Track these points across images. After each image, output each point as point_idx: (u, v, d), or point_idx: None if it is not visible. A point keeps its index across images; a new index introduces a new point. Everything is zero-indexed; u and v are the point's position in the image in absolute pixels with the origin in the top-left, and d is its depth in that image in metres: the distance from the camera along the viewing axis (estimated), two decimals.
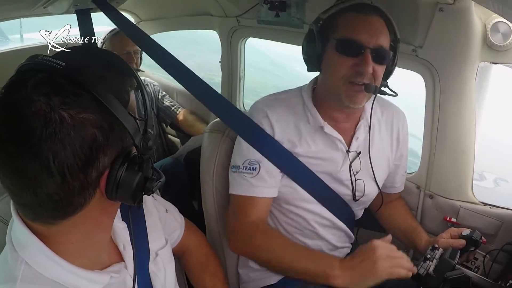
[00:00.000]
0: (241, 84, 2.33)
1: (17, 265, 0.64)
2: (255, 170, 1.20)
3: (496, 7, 0.86)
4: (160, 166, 1.98)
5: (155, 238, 0.91)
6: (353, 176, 1.27)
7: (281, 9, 1.65)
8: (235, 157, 1.25)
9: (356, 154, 1.27)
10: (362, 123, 1.27)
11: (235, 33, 2.16)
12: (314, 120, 1.22)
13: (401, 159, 1.40)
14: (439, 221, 1.50)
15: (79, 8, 1.54)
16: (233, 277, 1.39)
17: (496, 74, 1.47)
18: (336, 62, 1.13)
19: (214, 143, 1.33)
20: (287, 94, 1.30)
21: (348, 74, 1.11)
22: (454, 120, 1.39)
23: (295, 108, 1.25)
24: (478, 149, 1.42)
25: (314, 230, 1.29)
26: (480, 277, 1.07)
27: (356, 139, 1.26)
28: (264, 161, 1.20)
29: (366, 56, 1.09)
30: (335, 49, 1.12)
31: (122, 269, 0.77)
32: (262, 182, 1.20)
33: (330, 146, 1.24)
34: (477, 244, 1.19)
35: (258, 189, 1.20)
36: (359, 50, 1.10)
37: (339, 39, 1.12)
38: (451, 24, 1.25)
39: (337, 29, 1.13)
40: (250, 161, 1.20)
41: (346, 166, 1.25)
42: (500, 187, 1.17)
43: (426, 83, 1.42)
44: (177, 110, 2.47)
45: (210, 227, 1.37)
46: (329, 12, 1.15)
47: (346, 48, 1.11)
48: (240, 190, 1.22)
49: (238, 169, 1.22)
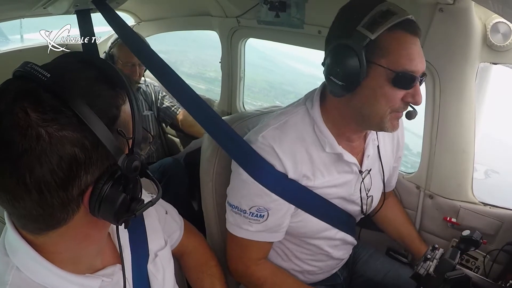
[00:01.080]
0: (241, 84, 2.33)
1: (8, 270, 0.64)
2: (263, 217, 1.10)
3: (496, 7, 0.86)
4: (160, 166, 1.98)
5: (154, 239, 0.90)
6: (365, 194, 1.23)
7: (281, 9, 1.65)
8: (238, 197, 1.12)
9: (367, 172, 1.22)
10: (370, 139, 1.20)
11: (235, 34, 2.16)
12: (331, 147, 1.11)
13: (398, 161, 1.40)
14: (439, 221, 1.50)
15: (79, 8, 1.54)
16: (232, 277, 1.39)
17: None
18: (387, 93, 0.98)
19: (214, 144, 1.32)
20: (292, 116, 1.13)
21: (398, 106, 1.01)
22: (454, 120, 1.39)
23: (303, 133, 1.11)
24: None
25: (327, 254, 1.29)
26: (480, 277, 1.07)
27: (367, 157, 1.20)
28: (273, 209, 1.10)
29: (417, 87, 1.00)
30: (388, 81, 0.97)
31: (117, 272, 0.76)
32: (268, 228, 1.13)
33: (345, 171, 1.17)
34: (477, 244, 1.18)
35: (262, 234, 1.14)
36: (413, 82, 0.98)
37: (396, 71, 0.95)
38: (451, 24, 1.25)
39: (389, 54, 0.95)
40: (259, 208, 1.09)
41: (358, 186, 1.21)
42: (491, 179, 1.19)
43: (426, 83, 1.41)
44: (177, 110, 2.47)
45: (210, 227, 1.37)
46: (379, 30, 0.94)
47: (403, 82, 0.97)
48: (243, 234, 1.14)
49: (243, 212, 1.11)
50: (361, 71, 0.96)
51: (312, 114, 1.12)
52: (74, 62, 0.65)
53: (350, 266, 1.50)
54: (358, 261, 1.50)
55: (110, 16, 1.46)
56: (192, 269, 1.15)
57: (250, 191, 1.09)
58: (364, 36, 0.94)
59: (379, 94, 0.99)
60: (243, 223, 1.13)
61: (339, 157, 1.13)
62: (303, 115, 1.13)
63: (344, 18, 1.02)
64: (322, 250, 1.26)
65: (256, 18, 1.84)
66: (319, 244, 1.25)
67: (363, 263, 1.48)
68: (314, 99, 1.13)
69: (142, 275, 0.84)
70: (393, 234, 1.50)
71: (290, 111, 1.16)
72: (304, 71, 8.08)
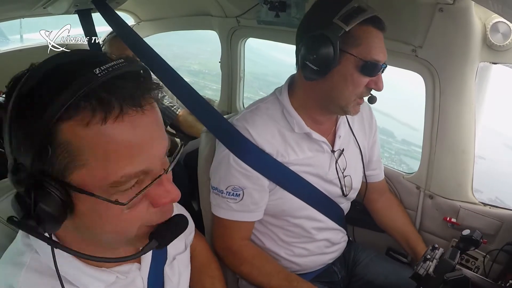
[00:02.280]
0: (241, 84, 2.33)
1: (27, 252, 0.65)
2: (239, 196, 1.20)
3: (496, 7, 0.86)
4: None
5: (174, 243, 0.91)
6: (341, 174, 1.30)
7: (281, 9, 1.64)
8: (217, 179, 1.23)
9: (340, 152, 1.29)
10: (341, 121, 1.30)
11: (235, 34, 2.16)
12: (299, 127, 1.21)
13: (374, 146, 1.45)
14: (439, 221, 1.50)
15: (79, 8, 1.54)
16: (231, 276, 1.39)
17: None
18: (355, 79, 1.11)
19: (211, 143, 1.32)
20: (264, 102, 1.27)
21: (362, 91, 1.14)
22: (454, 120, 1.39)
23: (275, 116, 1.23)
24: None
25: (311, 236, 1.31)
26: (480, 277, 1.07)
27: (339, 137, 1.29)
28: (248, 188, 1.19)
29: (380, 75, 1.14)
30: (357, 69, 1.10)
31: (134, 270, 0.76)
32: (245, 207, 1.21)
33: (316, 150, 1.25)
34: (477, 243, 1.18)
35: (240, 214, 1.22)
36: (377, 71, 1.12)
37: (365, 60, 1.08)
38: (451, 24, 1.25)
39: (360, 45, 1.08)
40: (234, 187, 1.19)
41: (333, 165, 1.28)
42: (477, 164, 1.23)
43: (426, 83, 1.42)
44: (177, 111, 2.47)
45: (209, 227, 1.37)
46: (353, 22, 1.06)
47: (369, 69, 1.10)
48: (223, 214, 1.23)
49: (221, 193, 1.21)
50: (335, 58, 1.07)
51: (281, 99, 1.24)
52: (44, 69, 0.60)
53: (349, 267, 1.50)
54: (359, 264, 1.50)
55: (109, 15, 1.47)
56: (193, 270, 1.15)
57: (227, 171, 1.19)
58: (340, 28, 1.06)
59: (349, 80, 1.11)
60: (221, 203, 1.22)
61: (308, 136, 1.23)
62: (272, 101, 1.26)
63: (319, 10, 1.15)
64: (306, 231, 1.30)
65: (256, 18, 1.84)
66: (301, 224, 1.29)
67: (364, 266, 1.48)
68: (282, 88, 1.27)
69: (157, 277, 0.83)
70: (395, 234, 1.51)
71: (260, 100, 1.30)
72: (287, 61, 8.37)
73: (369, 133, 1.41)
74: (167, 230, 0.64)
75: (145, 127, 0.56)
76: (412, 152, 6.35)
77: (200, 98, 1.34)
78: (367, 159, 1.42)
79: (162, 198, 0.61)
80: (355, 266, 1.50)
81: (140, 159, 0.56)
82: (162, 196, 0.61)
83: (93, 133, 0.52)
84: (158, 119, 0.59)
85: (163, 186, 0.61)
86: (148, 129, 0.57)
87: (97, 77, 0.51)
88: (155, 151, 0.58)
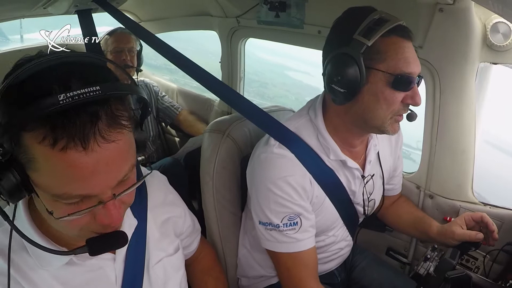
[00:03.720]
0: (241, 84, 2.33)
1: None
2: (297, 224, 1.10)
3: (496, 7, 0.86)
4: (160, 166, 1.98)
5: (161, 245, 0.91)
6: (367, 197, 1.26)
7: (281, 9, 1.64)
8: (267, 215, 1.10)
9: (370, 177, 1.25)
10: (372, 144, 1.23)
11: (235, 34, 2.16)
12: (335, 154, 1.14)
13: (398, 161, 1.40)
14: (439, 221, 1.49)
15: (79, 8, 1.54)
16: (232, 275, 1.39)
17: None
18: (387, 97, 1.01)
19: (214, 143, 1.32)
20: (299, 121, 1.17)
21: (398, 108, 1.04)
22: (454, 120, 1.39)
23: (308, 140, 1.14)
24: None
25: (326, 249, 1.30)
26: (480, 277, 1.07)
27: (369, 162, 1.22)
28: (303, 213, 1.11)
29: (415, 89, 1.03)
30: (388, 85, 1.00)
31: (105, 259, 0.79)
32: (307, 233, 1.12)
33: (347, 176, 1.20)
34: (477, 244, 1.18)
35: (303, 242, 1.12)
36: (411, 84, 1.02)
37: (395, 74, 0.99)
38: (451, 24, 1.25)
39: (385, 58, 0.99)
40: (290, 217, 1.09)
41: (361, 190, 1.24)
42: None
43: (426, 83, 1.42)
44: (177, 110, 2.47)
45: (210, 227, 1.37)
46: (374, 36, 0.97)
47: (401, 84, 1.00)
48: (286, 248, 1.12)
49: (277, 227, 1.10)
50: (361, 77, 0.98)
51: (315, 123, 1.15)
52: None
53: (348, 270, 1.50)
54: (356, 267, 1.50)
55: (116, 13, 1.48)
56: (198, 272, 1.16)
57: (272, 201, 1.08)
58: (361, 43, 0.97)
59: (381, 98, 1.01)
60: (281, 237, 1.11)
61: (343, 163, 1.16)
62: (306, 123, 1.16)
63: (339, 28, 1.05)
64: (324, 245, 1.28)
65: (256, 18, 1.84)
66: (322, 239, 1.25)
67: (360, 270, 1.48)
68: (316, 107, 1.16)
69: (135, 275, 0.84)
70: (405, 227, 1.44)
71: (293, 119, 1.19)
72: (269, 60, 7.99)
73: (394, 148, 1.36)
74: (103, 242, 0.68)
75: (86, 165, 0.58)
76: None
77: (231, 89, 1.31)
78: (390, 175, 1.36)
79: (103, 219, 0.65)
80: (353, 270, 1.50)
81: (80, 187, 0.60)
82: (104, 217, 0.65)
83: (44, 151, 0.57)
84: (110, 155, 0.60)
85: (107, 210, 0.64)
86: (91, 167, 0.59)
87: (59, 105, 0.54)
88: (97, 183, 0.61)
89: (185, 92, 2.70)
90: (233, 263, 1.39)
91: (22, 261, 0.71)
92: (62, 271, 0.74)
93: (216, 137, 1.33)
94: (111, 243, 0.70)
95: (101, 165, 0.59)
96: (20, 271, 0.71)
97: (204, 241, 1.21)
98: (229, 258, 1.38)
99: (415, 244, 1.60)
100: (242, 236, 1.37)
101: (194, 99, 2.65)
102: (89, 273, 0.77)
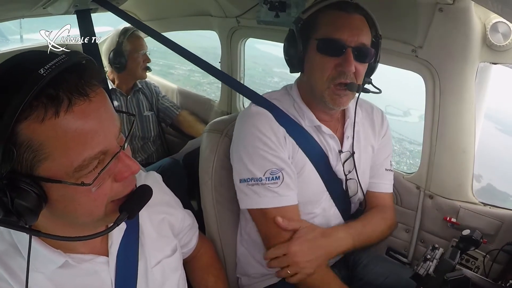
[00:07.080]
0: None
1: None
2: (279, 178, 1.13)
3: (496, 7, 0.86)
4: (159, 167, 1.98)
5: (159, 246, 0.91)
6: (346, 176, 1.27)
7: (280, 9, 1.64)
8: (250, 169, 1.14)
9: (350, 154, 1.27)
10: (349, 123, 1.27)
11: (235, 34, 2.16)
12: (309, 120, 1.21)
13: (380, 153, 1.37)
14: (439, 221, 1.50)
15: (79, 8, 1.54)
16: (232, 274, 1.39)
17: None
18: (318, 62, 1.11)
19: (213, 143, 1.32)
20: (276, 94, 1.28)
21: (332, 75, 1.10)
22: (454, 120, 1.39)
23: (289, 108, 1.23)
24: None
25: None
26: (480, 277, 1.07)
27: (347, 138, 1.26)
28: (285, 168, 1.14)
29: (348, 55, 1.08)
30: (316, 50, 1.10)
31: (99, 262, 0.78)
32: (288, 189, 1.14)
33: (324, 145, 1.25)
34: (477, 243, 1.18)
35: (286, 198, 1.14)
36: (341, 50, 1.08)
37: (320, 38, 1.10)
38: (451, 24, 1.25)
39: (318, 28, 1.11)
40: (272, 171, 1.13)
41: (339, 165, 1.26)
42: None
43: (426, 83, 1.42)
44: (177, 111, 2.48)
45: (210, 227, 1.37)
46: (310, 11, 1.13)
47: (328, 48, 1.09)
48: (268, 202, 1.14)
49: (259, 181, 1.13)
50: (298, 46, 1.13)
51: (291, 93, 1.26)
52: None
53: (350, 268, 1.50)
54: (359, 265, 1.49)
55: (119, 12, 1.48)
56: (197, 270, 1.16)
57: (255, 157, 1.14)
58: (299, 18, 1.15)
59: (314, 64, 1.13)
60: (263, 191, 1.13)
61: (317, 129, 1.23)
62: (284, 94, 1.28)
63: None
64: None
65: (256, 18, 1.84)
66: (314, 221, 1.23)
67: (363, 267, 1.48)
68: (294, 82, 1.28)
69: (129, 278, 0.83)
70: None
71: (272, 92, 1.31)
72: (246, 54, 8.60)
73: (378, 136, 1.37)
74: (134, 201, 0.71)
75: (94, 113, 0.61)
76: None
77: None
78: (374, 163, 1.37)
79: (123, 172, 0.66)
80: (356, 267, 1.49)
81: (96, 142, 0.61)
82: (123, 171, 0.66)
83: (49, 127, 0.57)
84: (106, 104, 0.64)
85: (122, 161, 0.66)
86: (97, 114, 0.61)
87: (43, 76, 0.55)
88: (107, 132, 0.63)
89: (185, 93, 2.70)
90: (233, 262, 1.39)
91: (17, 264, 0.70)
92: (57, 274, 0.73)
93: (214, 137, 1.34)
94: (140, 198, 0.72)
95: (102, 112, 0.62)
96: (15, 275, 0.70)
97: (202, 237, 1.20)
98: (228, 257, 1.38)
99: (415, 244, 1.60)
100: (240, 235, 1.37)
101: (194, 99, 2.65)
102: (84, 277, 0.77)
